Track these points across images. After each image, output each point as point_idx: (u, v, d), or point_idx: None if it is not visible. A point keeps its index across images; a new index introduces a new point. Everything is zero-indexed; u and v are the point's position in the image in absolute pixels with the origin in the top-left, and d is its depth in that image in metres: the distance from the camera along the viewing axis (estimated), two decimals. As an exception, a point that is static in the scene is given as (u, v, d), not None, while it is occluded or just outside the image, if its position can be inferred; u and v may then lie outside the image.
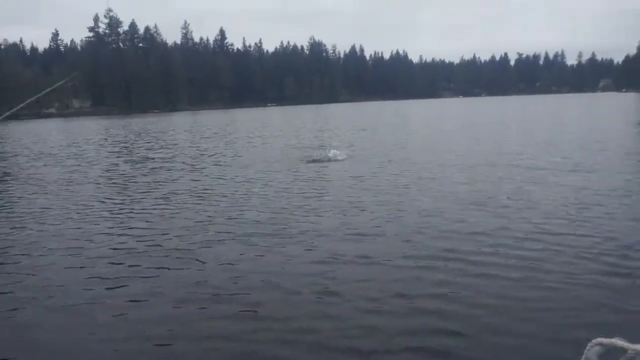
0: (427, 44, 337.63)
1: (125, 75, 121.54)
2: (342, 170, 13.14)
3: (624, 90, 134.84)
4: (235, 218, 8.33)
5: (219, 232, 7.50)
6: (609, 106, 52.08)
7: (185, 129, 37.87)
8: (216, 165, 15.45)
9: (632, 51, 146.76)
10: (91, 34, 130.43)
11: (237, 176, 12.89)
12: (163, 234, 7.53)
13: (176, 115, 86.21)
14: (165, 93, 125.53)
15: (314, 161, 14.60)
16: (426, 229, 7.17)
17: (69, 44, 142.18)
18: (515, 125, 29.15)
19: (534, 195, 9.13)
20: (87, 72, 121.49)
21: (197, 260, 6.31)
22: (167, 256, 6.49)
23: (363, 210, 8.53)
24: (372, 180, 11.47)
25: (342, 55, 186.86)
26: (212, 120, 55.02)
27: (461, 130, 26.47)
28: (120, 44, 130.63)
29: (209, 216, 8.59)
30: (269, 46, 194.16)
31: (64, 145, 25.73)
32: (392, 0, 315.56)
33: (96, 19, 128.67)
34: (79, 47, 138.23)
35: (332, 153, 15.42)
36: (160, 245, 6.95)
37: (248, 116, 63.48)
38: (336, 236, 7.05)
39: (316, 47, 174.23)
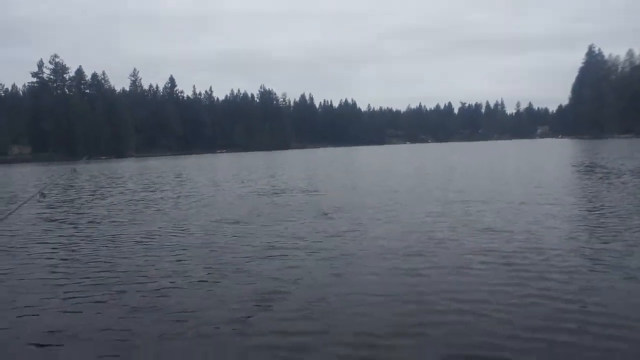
0: (374, 93, 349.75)
1: (69, 121, 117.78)
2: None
3: (559, 136, 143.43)
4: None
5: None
6: (549, 150, 54.71)
7: (137, 176, 36.41)
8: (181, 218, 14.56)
9: (565, 101, 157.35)
10: (35, 80, 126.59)
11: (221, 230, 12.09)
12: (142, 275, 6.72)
13: (124, 161, 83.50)
14: (112, 139, 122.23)
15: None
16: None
17: (9, 89, 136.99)
18: (477, 169, 29.78)
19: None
20: (29, 117, 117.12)
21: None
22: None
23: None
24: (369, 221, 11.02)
25: (292, 104, 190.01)
26: (163, 166, 53.48)
27: (420, 173, 26.71)
28: (66, 90, 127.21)
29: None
30: (220, 94, 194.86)
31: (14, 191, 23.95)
32: (338, 53, 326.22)
33: (40, 65, 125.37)
34: (20, 92, 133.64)
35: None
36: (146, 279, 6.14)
37: (200, 162, 62.31)
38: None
39: (266, 95, 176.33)
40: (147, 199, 17.34)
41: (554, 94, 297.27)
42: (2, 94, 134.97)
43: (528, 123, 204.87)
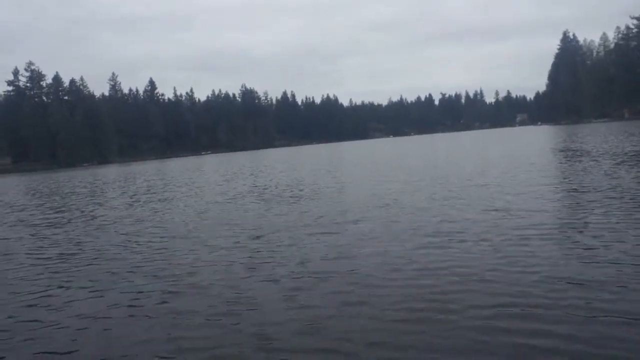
0: (355, 87, 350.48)
1: (49, 129, 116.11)
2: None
3: (539, 123, 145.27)
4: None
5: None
6: (532, 137, 55.60)
7: (123, 182, 36.27)
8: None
9: (542, 88, 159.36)
10: (10, 88, 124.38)
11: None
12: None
13: (107, 168, 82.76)
14: (93, 146, 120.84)
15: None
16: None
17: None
18: (474, 157, 30.35)
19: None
20: (7, 127, 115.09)
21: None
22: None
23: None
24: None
25: (274, 102, 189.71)
26: (150, 170, 53.22)
27: (422, 164, 27.22)
28: (44, 98, 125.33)
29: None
30: (201, 95, 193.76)
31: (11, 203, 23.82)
32: (317, 49, 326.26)
33: (16, 72, 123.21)
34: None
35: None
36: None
37: (190, 164, 62.11)
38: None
39: (248, 94, 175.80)
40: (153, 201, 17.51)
41: (532, 81, 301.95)
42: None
43: (507, 111, 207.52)
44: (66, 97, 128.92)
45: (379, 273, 6.16)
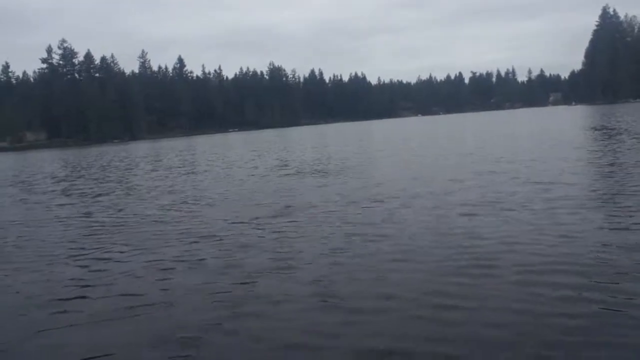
0: (383, 65, 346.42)
1: (81, 105, 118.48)
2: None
3: (573, 103, 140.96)
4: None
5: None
6: (567, 116, 54.19)
7: (160, 157, 36.95)
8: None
9: (578, 67, 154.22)
10: (44, 66, 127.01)
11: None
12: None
13: (137, 144, 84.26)
14: (123, 122, 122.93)
15: None
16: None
17: (20, 76, 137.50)
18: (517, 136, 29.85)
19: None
20: (41, 104, 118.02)
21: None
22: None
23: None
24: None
25: (301, 79, 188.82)
26: (180, 146, 54.01)
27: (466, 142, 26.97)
28: (76, 75, 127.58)
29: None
30: (229, 72, 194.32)
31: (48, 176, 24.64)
32: (345, 26, 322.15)
33: (49, 50, 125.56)
34: (31, 79, 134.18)
35: None
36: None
37: (216, 141, 62.78)
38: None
39: (276, 72, 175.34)
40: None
41: (567, 59, 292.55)
42: (14, 82, 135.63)
43: (540, 90, 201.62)
44: (97, 74, 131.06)
45: (422, 236, 6.35)
